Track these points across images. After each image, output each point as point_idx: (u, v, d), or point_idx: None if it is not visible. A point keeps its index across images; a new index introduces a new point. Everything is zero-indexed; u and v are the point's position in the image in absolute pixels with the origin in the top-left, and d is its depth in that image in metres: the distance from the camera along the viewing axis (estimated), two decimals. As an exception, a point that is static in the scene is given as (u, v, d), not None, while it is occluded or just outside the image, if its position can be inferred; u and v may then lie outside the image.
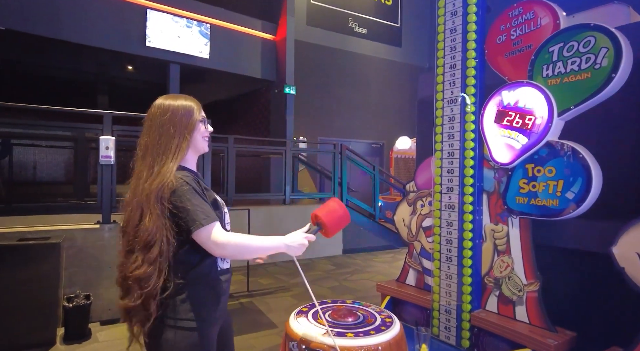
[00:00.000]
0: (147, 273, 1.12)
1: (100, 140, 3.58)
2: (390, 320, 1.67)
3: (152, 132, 1.22)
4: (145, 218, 1.13)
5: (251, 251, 1.24)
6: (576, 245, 1.91)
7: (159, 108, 1.25)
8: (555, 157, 1.78)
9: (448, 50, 2.19)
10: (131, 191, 1.20)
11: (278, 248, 1.26)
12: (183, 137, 1.24)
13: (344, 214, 1.40)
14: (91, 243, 3.51)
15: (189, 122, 1.26)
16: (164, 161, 1.19)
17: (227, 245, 1.16)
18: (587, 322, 1.88)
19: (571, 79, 1.72)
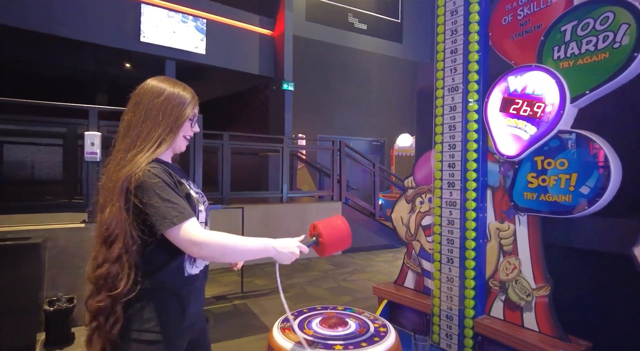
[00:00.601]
0: (110, 273, 0.99)
1: (86, 136, 3.43)
2: (384, 329, 1.50)
3: (138, 110, 1.09)
4: (106, 209, 1.00)
5: (235, 253, 1.09)
6: (592, 245, 1.73)
7: (152, 88, 1.12)
8: (568, 148, 1.61)
9: (449, 34, 2.01)
10: (108, 173, 1.07)
11: (266, 251, 1.12)
12: (170, 130, 1.11)
13: (347, 236, 1.27)
14: (75, 243, 3.35)
15: (181, 114, 1.13)
16: (141, 147, 1.06)
17: (205, 244, 1.01)
18: (604, 331, 1.70)
19: (586, 60, 1.54)
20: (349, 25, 10.27)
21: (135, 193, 1.00)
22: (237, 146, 6.19)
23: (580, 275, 1.78)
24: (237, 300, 4.12)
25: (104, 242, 1.00)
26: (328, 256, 1.30)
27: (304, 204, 6.38)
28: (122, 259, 1.00)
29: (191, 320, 1.16)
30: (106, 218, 1.00)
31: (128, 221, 1.00)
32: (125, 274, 1.00)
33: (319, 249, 1.27)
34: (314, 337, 1.42)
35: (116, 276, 1.00)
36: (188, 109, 1.15)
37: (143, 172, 1.01)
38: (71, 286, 3.28)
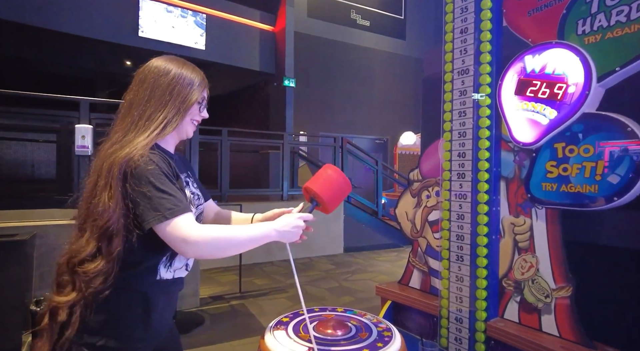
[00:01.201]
0: (101, 270, 0.87)
1: (76, 128, 3.29)
2: (389, 333, 1.34)
3: (142, 89, 0.99)
4: (104, 193, 0.87)
5: (234, 246, 0.96)
6: (620, 242, 1.56)
7: (159, 66, 1.02)
8: (594, 132, 1.44)
9: (458, 12, 1.85)
10: (101, 153, 0.95)
11: (267, 236, 1.00)
12: (177, 111, 1.01)
13: (343, 182, 1.14)
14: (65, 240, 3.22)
15: (189, 96, 1.03)
16: (143, 129, 0.95)
17: (201, 242, 0.89)
18: (633, 336, 1.53)
19: (616, 33, 1.38)
20: (352, 21, 10.12)
21: (128, 179, 0.88)
22: (236, 142, 6.05)
23: (607, 275, 1.61)
24: (235, 300, 3.97)
25: (103, 235, 0.88)
26: (335, 208, 1.16)
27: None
28: (117, 256, 0.88)
29: (157, 327, 1.01)
30: (102, 206, 0.87)
31: (125, 210, 0.89)
32: (110, 272, 0.89)
33: (323, 209, 1.17)
34: (310, 341, 1.27)
35: (108, 273, 0.88)
36: (197, 91, 1.05)
37: (140, 157, 0.89)
38: (60, 285, 3.15)
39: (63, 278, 0.92)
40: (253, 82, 8.92)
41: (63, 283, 0.92)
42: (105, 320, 0.90)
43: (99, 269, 0.87)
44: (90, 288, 0.87)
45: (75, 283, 0.89)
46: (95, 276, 0.87)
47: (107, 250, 0.88)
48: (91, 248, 0.89)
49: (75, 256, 0.90)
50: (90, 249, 0.89)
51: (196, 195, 1.13)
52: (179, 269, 1.06)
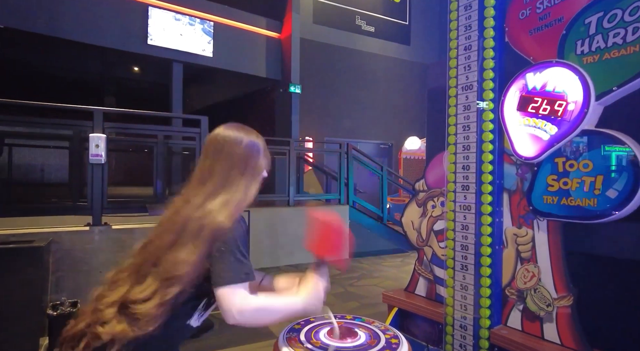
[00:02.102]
0: (150, 313, 0.93)
1: (90, 137, 3.39)
2: (396, 341, 1.41)
3: (222, 158, 1.07)
4: (184, 249, 0.95)
5: (274, 321, 1.08)
6: (619, 253, 1.62)
7: (232, 136, 1.11)
8: (593, 148, 1.51)
9: (462, 30, 1.92)
10: (173, 211, 1.04)
11: (305, 308, 1.12)
12: (253, 179, 1.12)
13: (340, 238, 1.18)
14: (80, 246, 3.32)
15: (260, 162, 1.14)
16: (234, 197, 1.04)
17: (249, 313, 0.99)
18: (632, 344, 1.58)
19: (613, 54, 1.44)
20: (357, 27, 10.21)
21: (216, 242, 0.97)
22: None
23: (607, 285, 1.67)
24: (243, 305, 4.04)
25: (165, 280, 0.94)
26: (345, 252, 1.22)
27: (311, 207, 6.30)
28: (169, 304, 0.95)
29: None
30: (180, 259, 0.95)
31: (202, 270, 0.97)
32: (160, 317, 0.95)
33: (334, 262, 1.20)
34: (321, 349, 1.34)
35: (155, 317, 0.94)
36: (264, 156, 1.17)
37: (232, 223, 0.99)
38: (76, 289, 3.24)
39: (108, 310, 0.96)
40: (259, 88, 9.03)
41: (107, 315, 0.96)
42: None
43: (149, 313, 0.93)
44: (142, 329, 0.92)
45: (125, 322, 0.93)
46: (148, 320, 0.93)
47: (163, 295, 0.94)
48: (150, 292, 0.95)
49: (133, 298, 0.96)
50: (148, 293, 0.95)
51: None
52: (206, 317, 1.15)
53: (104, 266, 3.37)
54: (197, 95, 10.38)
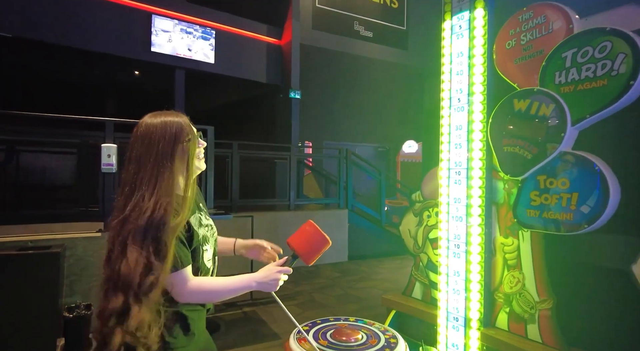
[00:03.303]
0: (144, 321, 1.02)
1: (102, 147, 3.55)
2: (395, 340, 1.59)
3: (130, 164, 1.12)
4: (132, 257, 1.02)
5: (219, 296, 1.19)
6: (593, 261, 1.81)
7: (136, 135, 1.14)
8: (569, 168, 1.69)
9: (455, 56, 2.11)
10: (114, 217, 1.09)
11: (248, 286, 1.20)
12: (166, 167, 1.11)
13: (321, 240, 1.30)
14: (92, 252, 3.48)
15: (172, 147, 1.13)
16: (147, 192, 1.07)
17: (195, 292, 1.12)
18: (605, 343, 1.77)
19: (586, 86, 1.63)
20: (355, 33, 10.39)
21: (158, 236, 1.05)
22: (246, 154, 6.30)
23: (582, 290, 1.85)
24: (247, 307, 4.21)
25: (136, 293, 1.03)
26: (314, 261, 1.34)
27: (312, 211, 6.48)
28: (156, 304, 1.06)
29: (197, 335, 1.23)
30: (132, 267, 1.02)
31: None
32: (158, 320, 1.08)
33: (303, 260, 1.31)
34: (328, 347, 1.51)
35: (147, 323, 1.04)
36: (179, 136, 1.15)
37: (166, 215, 1.06)
38: (88, 293, 3.40)
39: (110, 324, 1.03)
40: (260, 94, 9.19)
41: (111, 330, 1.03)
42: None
43: (145, 320, 1.01)
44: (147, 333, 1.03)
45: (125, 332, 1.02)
46: (148, 325, 1.02)
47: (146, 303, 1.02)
48: (123, 306, 1.02)
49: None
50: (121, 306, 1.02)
51: (209, 226, 1.31)
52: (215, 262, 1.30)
53: (115, 270, 3.53)
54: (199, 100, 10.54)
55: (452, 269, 2.14)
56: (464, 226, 2.08)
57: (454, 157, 2.11)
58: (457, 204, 2.11)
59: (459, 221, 2.10)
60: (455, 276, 2.12)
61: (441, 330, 2.21)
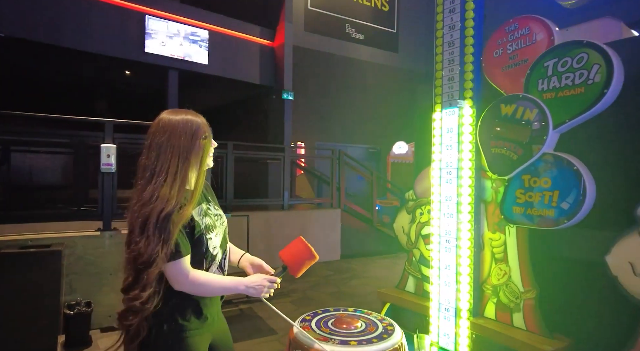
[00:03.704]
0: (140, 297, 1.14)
1: (102, 148, 3.61)
2: (392, 327, 1.72)
3: (150, 152, 1.22)
4: (143, 242, 1.13)
5: (210, 291, 1.28)
6: (572, 254, 1.96)
7: (158, 126, 1.25)
8: (551, 168, 1.84)
9: (446, 63, 2.25)
10: (131, 208, 1.21)
11: (237, 289, 1.31)
12: (184, 160, 1.23)
13: (308, 253, 1.43)
14: (92, 250, 3.53)
15: (191, 142, 1.24)
16: (167, 181, 1.18)
17: (190, 283, 1.21)
18: (583, 329, 1.93)
19: (565, 93, 1.78)
20: (347, 35, 10.53)
21: (164, 226, 1.16)
22: (240, 155, 6.38)
23: (562, 280, 2.01)
24: (243, 305, 4.30)
25: (137, 268, 1.16)
26: (302, 272, 1.45)
27: (305, 211, 6.59)
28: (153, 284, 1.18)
29: (210, 319, 1.33)
30: (143, 249, 1.14)
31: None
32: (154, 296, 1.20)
33: (292, 272, 1.44)
34: (331, 334, 1.63)
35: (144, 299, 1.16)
36: (197, 132, 1.27)
37: (173, 207, 1.17)
38: (88, 291, 3.45)
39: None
40: (253, 95, 9.27)
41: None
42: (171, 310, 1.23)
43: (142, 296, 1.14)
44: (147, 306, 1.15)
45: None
46: (143, 301, 1.14)
47: (142, 279, 1.14)
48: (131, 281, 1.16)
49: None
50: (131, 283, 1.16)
51: (218, 216, 1.41)
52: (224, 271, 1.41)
53: (114, 269, 3.59)
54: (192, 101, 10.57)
55: (444, 263, 2.28)
56: (455, 223, 2.22)
57: (445, 157, 2.25)
58: (448, 202, 2.25)
59: (450, 217, 2.24)
60: (446, 270, 2.26)
61: (433, 321, 2.34)
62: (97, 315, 3.39)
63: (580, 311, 1.97)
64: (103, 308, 3.49)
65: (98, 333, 3.40)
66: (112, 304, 3.53)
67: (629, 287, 1.65)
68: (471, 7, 2.11)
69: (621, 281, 1.68)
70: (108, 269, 3.58)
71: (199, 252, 1.28)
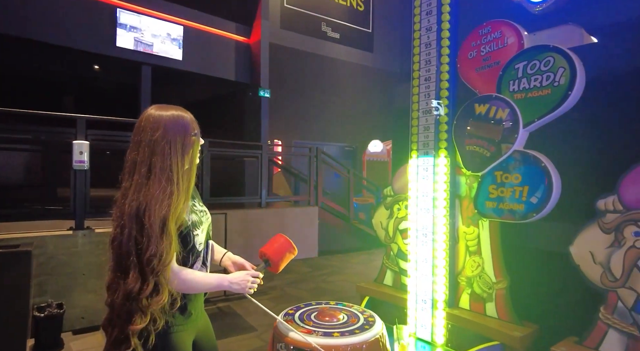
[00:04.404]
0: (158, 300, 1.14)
1: (74, 144, 3.50)
2: (373, 319, 1.78)
3: (142, 148, 1.19)
4: (152, 241, 1.12)
5: (194, 287, 1.29)
6: (540, 245, 2.09)
7: (148, 122, 1.21)
8: (521, 165, 1.95)
9: (423, 64, 2.33)
10: (118, 207, 1.18)
11: (221, 285, 1.32)
12: (180, 157, 1.22)
13: (290, 246, 1.50)
14: (64, 250, 3.42)
15: (185, 139, 1.23)
16: (169, 180, 1.17)
17: (176, 280, 1.21)
18: (549, 315, 2.06)
19: (534, 94, 1.89)
20: (323, 34, 10.57)
21: (154, 225, 1.14)
22: (217, 152, 6.31)
23: (531, 270, 2.14)
24: (221, 303, 4.27)
25: (142, 268, 1.14)
26: (282, 268, 1.49)
27: (282, 209, 6.59)
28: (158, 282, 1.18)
29: (194, 314, 1.34)
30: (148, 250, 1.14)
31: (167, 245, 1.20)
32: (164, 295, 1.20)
33: (273, 267, 1.48)
34: (314, 327, 1.67)
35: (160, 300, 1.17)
36: (190, 129, 1.27)
37: (163, 208, 1.16)
38: (59, 292, 3.34)
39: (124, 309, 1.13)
40: (229, 92, 9.16)
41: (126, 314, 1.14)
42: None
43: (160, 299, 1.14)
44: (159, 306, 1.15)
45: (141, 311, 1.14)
46: (158, 301, 1.14)
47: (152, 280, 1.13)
48: (139, 282, 1.12)
49: (134, 291, 1.13)
50: (139, 284, 1.12)
51: (203, 212, 1.41)
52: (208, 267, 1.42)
53: (88, 269, 3.49)
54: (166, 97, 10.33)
55: (421, 256, 2.36)
56: (431, 217, 2.30)
57: (422, 155, 2.33)
58: (425, 197, 2.33)
59: (427, 212, 2.33)
60: (423, 263, 2.35)
61: (410, 312, 2.43)
62: (69, 316, 3.29)
63: (546, 298, 2.10)
64: (76, 310, 3.39)
65: (70, 336, 3.30)
66: (85, 305, 3.43)
67: (589, 274, 1.78)
68: (447, 9, 2.20)
69: (582, 269, 1.81)
70: (81, 269, 3.48)
71: (185, 249, 1.28)
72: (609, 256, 1.71)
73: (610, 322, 1.73)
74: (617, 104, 1.89)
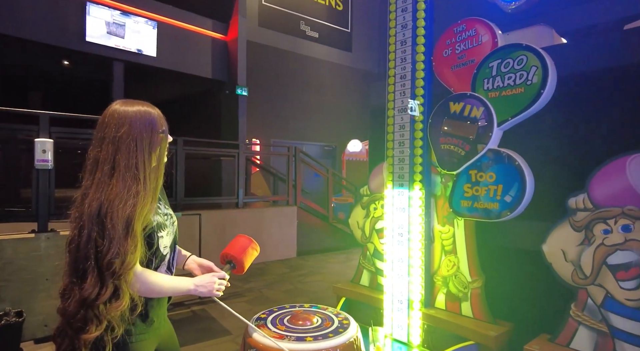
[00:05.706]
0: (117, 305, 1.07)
1: (36, 142, 3.31)
2: (347, 321, 1.73)
3: (106, 145, 1.12)
4: (114, 243, 1.05)
5: (158, 291, 1.22)
6: (513, 244, 2.09)
7: (112, 117, 1.15)
8: (495, 163, 1.95)
9: (399, 61, 2.30)
10: (77, 208, 1.11)
11: (187, 289, 1.27)
12: (147, 155, 1.16)
13: (252, 245, 1.46)
14: (24, 254, 3.23)
15: (151, 136, 1.17)
16: (135, 178, 1.11)
17: (136, 281, 1.14)
18: (522, 313, 2.07)
19: (508, 92, 1.89)
20: (301, 32, 10.51)
21: (116, 225, 1.08)
22: (191, 151, 6.15)
23: (505, 269, 2.14)
24: (195, 306, 4.15)
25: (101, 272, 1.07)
26: (247, 268, 1.46)
27: (260, 209, 6.49)
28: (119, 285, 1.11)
29: (157, 322, 1.27)
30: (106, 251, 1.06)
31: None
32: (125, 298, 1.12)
33: (238, 268, 1.43)
34: (287, 331, 1.61)
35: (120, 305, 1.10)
36: (156, 126, 1.21)
37: (127, 207, 1.09)
38: (19, 299, 3.15)
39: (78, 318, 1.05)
40: (205, 89, 8.97)
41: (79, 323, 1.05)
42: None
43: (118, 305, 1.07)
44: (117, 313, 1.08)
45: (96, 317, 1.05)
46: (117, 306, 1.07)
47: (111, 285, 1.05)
48: (98, 287, 1.04)
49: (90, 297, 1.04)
50: (98, 289, 1.04)
51: (168, 215, 1.33)
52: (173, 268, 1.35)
53: (51, 274, 3.31)
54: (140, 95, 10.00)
55: (396, 256, 2.33)
56: (407, 216, 2.28)
57: (398, 154, 2.31)
58: (400, 196, 2.31)
59: (402, 211, 2.30)
60: (399, 262, 2.32)
61: (387, 313, 2.39)
62: (30, 324, 3.11)
63: (519, 296, 2.11)
64: (38, 317, 3.21)
65: (31, 345, 3.12)
66: (48, 312, 3.25)
67: (561, 272, 1.79)
68: (422, 7, 2.18)
69: (554, 267, 1.82)
70: (44, 274, 3.29)
71: (149, 250, 1.20)
72: (580, 254, 1.72)
73: (580, 319, 1.74)
74: (586, 104, 1.91)
